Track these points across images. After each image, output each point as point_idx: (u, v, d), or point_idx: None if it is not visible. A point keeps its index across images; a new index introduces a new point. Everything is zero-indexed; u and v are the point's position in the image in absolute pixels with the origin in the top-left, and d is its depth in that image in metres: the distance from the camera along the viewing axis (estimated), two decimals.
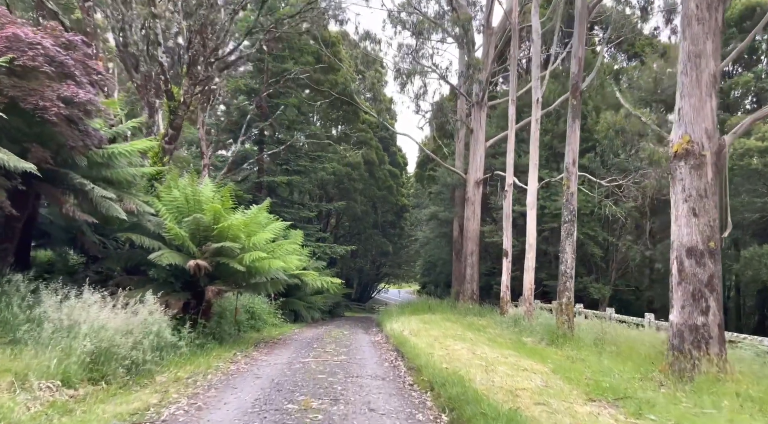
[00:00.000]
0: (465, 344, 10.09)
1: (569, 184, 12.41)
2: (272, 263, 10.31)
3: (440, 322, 16.39)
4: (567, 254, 12.26)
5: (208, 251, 10.12)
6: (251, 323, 13.96)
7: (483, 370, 7.04)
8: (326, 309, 24.66)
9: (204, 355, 8.76)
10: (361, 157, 27.96)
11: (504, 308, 16.90)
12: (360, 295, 46.25)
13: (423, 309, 22.01)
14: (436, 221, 28.52)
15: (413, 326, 13.86)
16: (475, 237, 24.24)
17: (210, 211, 10.19)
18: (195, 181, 10.88)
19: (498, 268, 25.59)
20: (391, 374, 7.85)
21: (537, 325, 13.52)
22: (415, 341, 10.59)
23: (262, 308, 14.98)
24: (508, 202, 17.58)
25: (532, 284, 15.04)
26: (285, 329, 15.30)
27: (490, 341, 11.37)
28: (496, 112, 28.43)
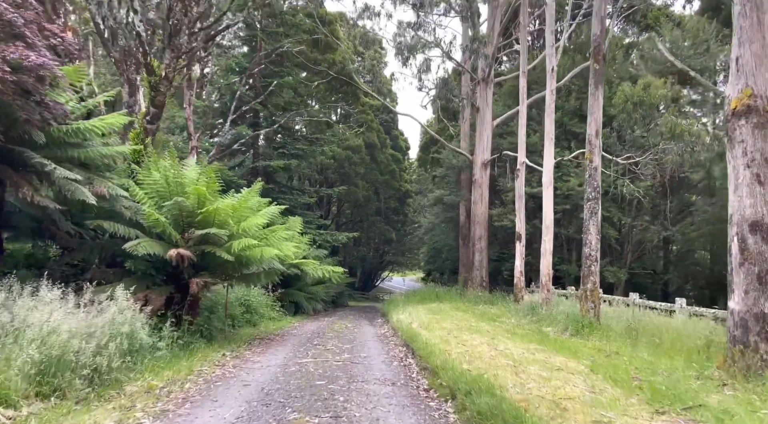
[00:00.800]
0: (483, 337, 8.98)
1: (592, 157, 11.23)
2: (265, 251, 9.18)
3: (450, 312, 15.31)
4: (591, 234, 11.11)
5: (191, 239, 9.00)
6: (246, 317, 12.88)
7: (512, 371, 5.92)
8: (329, 300, 23.63)
9: (187, 357, 7.66)
10: (362, 140, 26.69)
11: (519, 295, 15.80)
12: (363, 284, 45.32)
13: (430, 298, 20.96)
14: (441, 205, 27.33)
15: (422, 318, 12.76)
16: (483, 221, 23.08)
17: (193, 194, 9.05)
18: (177, 162, 9.73)
19: (507, 253, 24.47)
20: (402, 377, 6.75)
21: (558, 313, 12.40)
22: (427, 335, 9.48)
23: (259, 301, 13.90)
24: (520, 182, 16.40)
25: (549, 269, 13.91)
26: (284, 322, 14.23)
27: (509, 334, 10.26)
28: (502, 90, 27.12)
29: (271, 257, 9.31)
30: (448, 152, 26.18)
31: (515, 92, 25.94)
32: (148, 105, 12.01)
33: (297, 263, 16.51)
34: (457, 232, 26.83)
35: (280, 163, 18.44)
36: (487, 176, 23.37)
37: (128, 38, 12.05)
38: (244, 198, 9.72)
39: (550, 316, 12.59)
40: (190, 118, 13.67)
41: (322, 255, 19.82)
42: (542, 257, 14.05)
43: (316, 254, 19.08)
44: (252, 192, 9.93)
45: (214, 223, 9.16)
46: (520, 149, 16.44)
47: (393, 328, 13.69)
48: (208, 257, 9.33)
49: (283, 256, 10.54)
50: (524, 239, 16.30)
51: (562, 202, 21.96)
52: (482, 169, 23.23)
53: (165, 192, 9.37)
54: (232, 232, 9.30)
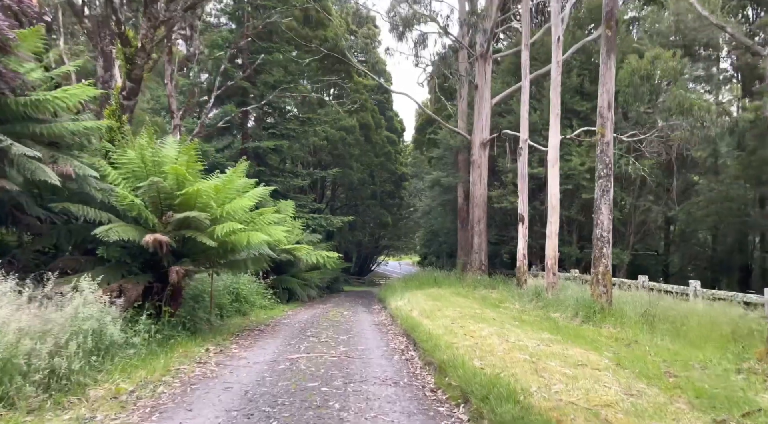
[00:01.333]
0: (491, 326, 8.27)
1: (604, 132, 10.45)
2: (252, 235, 8.38)
3: (451, 297, 14.64)
4: (603, 214, 10.39)
5: (170, 223, 8.19)
6: (236, 306, 12.13)
7: (531, 369, 5.20)
8: (324, 286, 22.91)
9: (166, 353, 6.91)
10: (356, 120, 25.73)
11: (522, 279, 15.11)
12: (359, 269, 44.63)
13: (428, 283, 20.29)
14: (438, 187, 26.55)
15: (423, 305, 12.06)
16: (482, 203, 22.34)
17: (171, 174, 8.22)
18: (155, 139, 8.87)
19: (507, 236, 23.78)
20: (404, 375, 6.02)
21: (565, 298, 11.73)
22: (429, 324, 8.76)
23: (249, 289, 13.13)
24: (523, 161, 15.62)
25: (555, 252, 13.21)
26: (276, 311, 13.49)
27: (517, 321, 9.57)
28: (501, 68, 26.22)
29: (259, 242, 8.51)
30: (445, 132, 25.33)
31: (514, 69, 25.08)
32: (124, 79, 11.11)
33: (289, 248, 15.75)
34: (455, 214, 26.11)
35: (270, 143, 17.55)
36: (486, 157, 22.58)
37: (101, 6, 11.11)
38: (229, 178, 8.89)
39: (557, 301, 11.93)
40: (171, 94, 12.75)
41: (316, 240, 19.05)
42: (547, 239, 13.34)
43: (309, 239, 18.31)
44: (237, 172, 9.09)
45: (195, 206, 8.35)
46: (522, 127, 15.63)
47: (391, 315, 13.00)
48: (189, 243, 8.54)
49: (274, 241, 9.76)
50: (527, 221, 15.57)
51: (564, 182, 21.14)
52: (481, 149, 22.43)
53: (141, 172, 8.53)
54: (216, 215, 8.49)
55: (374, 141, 28.93)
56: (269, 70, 19.34)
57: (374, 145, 29.15)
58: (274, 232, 9.38)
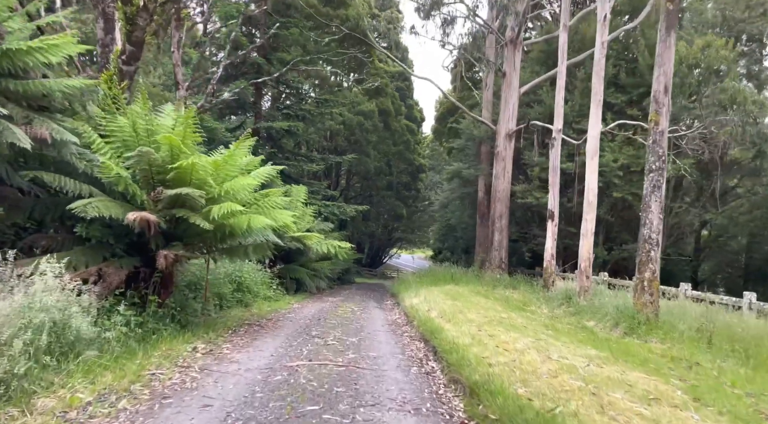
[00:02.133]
0: (524, 336, 7.12)
1: (658, 119, 9.19)
2: (254, 219, 7.30)
3: (470, 297, 13.50)
4: (653, 213, 9.15)
5: (160, 201, 7.13)
6: (237, 296, 11.11)
7: (593, 403, 4.05)
8: (334, 277, 21.89)
9: (145, 351, 5.88)
10: (374, 105, 24.51)
11: (549, 280, 13.92)
12: (371, 260, 43.67)
13: (444, 279, 19.16)
14: (458, 179, 25.31)
15: (441, 305, 10.94)
16: (504, 198, 21.10)
17: (165, 143, 7.16)
18: (149, 105, 7.81)
19: (529, 233, 22.50)
20: (426, 396, 4.90)
21: (601, 305, 10.54)
22: (452, 330, 7.64)
23: (253, 278, 12.11)
24: (555, 153, 14.38)
25: (590, 253, 11.99)
26: (281, 303, 12.45)
27: (550, 330, 8.41)
28: (530, 57, 24.80)
29: (261, 227, 7.43)
30: (468, 122, 24.06)
31: (544, 58, 23.70)
32: (124, 41, 10.08)
33: (299, 236, 14.71)
34: (474, 209, 24.89)
35: (284, 124, 16.47)
36: (511, 149, 21.30)
37: None
38: (231, 154, 7.78)
39: (592, 308, 10.74)
40: (178, 63, 11.70)
41: (328, 229, 17.99)
42: (582, 238, 12.12)
43: (321, 228, 17.26)
44: (240, 146, 7.97)
45: (190, 182, 7.29)
46: (556, 115, 14.37)
47: (406, 314, 11.91)
48: (182, 225, 7.49)
49: (280, 227, 8.69)
50: (557, 218, 14.33)
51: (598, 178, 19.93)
52: (506, 140, 21.15)
53: (132, 142, 7.47)
54: (213, 194, 7.43)
55: (393, 128, 27.70)
56: (286, 48, 18.22)
57: (393, 132, 27.92)
58: (280, 216, 8.30)
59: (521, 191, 20.78)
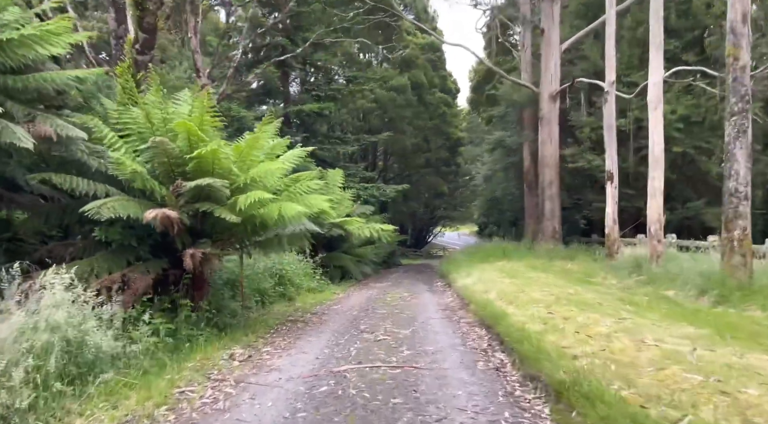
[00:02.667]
0: (603, 316, 6.15)
1: (738, 53, 7.92)
2: (285, 207, 6.56)
3: (527, 273, 12.52)
4: (738, 162, 7.94)
5: (182, 195, 6.48)
6: (279, 290, 10.51)
7: (730, 407, 3.12)
8: (379, 261, 21.23)
9: (178, 362, 5.26)
10: (407, 78, 23.40)
11: (613, 248, 12.75)
12: (415, 241, 42.91)
13: (495, 254, 18.19)
14: (501, 149, 24.04)
15: (498, 284, 10.03)
16: (553, 164, 19.79)
17: (181, 131, 6.48)
18: (163, 93, 7.15)
19: (582, 199, 21.09)
20: (501, 400, 4.06)
21: (680, 271, 9.39)
22: (517, 314, 6.75)
23: (295, 270, 11.49)
24: (609, 108, 13.08)
25: (660, 214, 10.82)
26: (326, 294, 11.80)
27: (628, 305, 7.40)
28: (568, 11, 23.08)
29: (294, 214, 6.66)
30: (507, 87, 22.70)
31: (584, 11, 21.99)
32: (136, 29, 9.48)
33: (339, 222, 14.04)
34: (521, 178, 23.60)
35: (313, 106, 15.71)
36: (557, 111, 19.91)
37: None
38: (255, 137, 7.04)
39: (669, 275, 9.61)
40: (197, 50, 11.06)
41: (369, 212, 17.24)
42: (649, 198, 10.95)
43: (361, 211, 16.53)
44: (264, 128, 7.22)
45: (213, 171, 6.60)
46: (608, 67, 13.03)
47: (459, 296, 11.07)
48: (209, 219, 6.83)
49: (316, 213, 7.96)
50: (617, 179, 13.08)
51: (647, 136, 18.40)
52: (550, 102, 19.77)
53: (148, 133, 6.82)
54: (239, 183, 6.73)
55: (427, 101, 26.50)
56: (309, 27, 17.37)
57: (427, 106, 26.73)
58: (314, 202, 7.53)
59: (571, 155, 19.41)
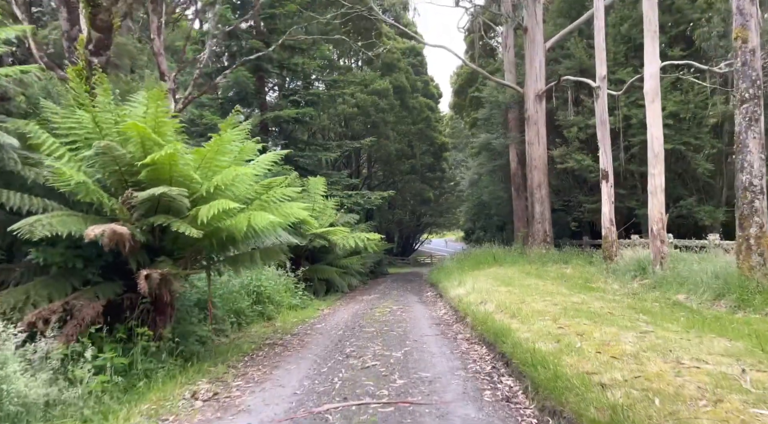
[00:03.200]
0: (620, 329, 5.40)
1: (747, 35, 7.30)
2: (255, 217, 5.73)
3: (523, 279, 11.81)
4: (751, 153, 7.29)
5: (135, 207, 5.62)
6: (258, 309, 9.63)
7: None
8: (366, 271, 20.40)
9: (127, 406, 4.40)
10: (388, 82, 22.67)
11: (610, 250, 12.09)
12: (402, 249, 42.21)
13: (486, 261, 17.51)
14: (487, 152, 23.44)
15: (494, 293, 9.27)
16: (542, 165, 19.22)
17: (133, 134, 5.65)
18: (111, 93, 6.29)
19: (572, 201, 20.50)
20: None
21: (689, 273, 8.72)
22: (523, 330, 5.97)
23: (275, 286, 10.62)
24: (601, 104, 12.48)
25: (662, 213, 10.16)
26: (309, 311, 10.93)
27: (643, 314, 6.68)
28: (551, 10, 22.63)
29: (266, 225, 5.83)
30: (491, 88, 22.13)
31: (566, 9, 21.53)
32: (89, 27, 8.60)
33: (322, 232, 13.23)
34: (508, 181, 23.00)
35: (291, 112, 14.88)
36: (543, 110, 19.36)
37: None
38: (219, 139, 6.21)
39: (677, 278, 8.94)
40: (160, 52, 10.18)
41: (353, 221, 16.44)
42: (650, 196, 10.28)
43: (345, 220, 15.72)
44: (228, 127, 6.37)
45: (171, 179, 5.77)
46: (598, 60, 12.44)
47: (453, 308, 10.30)
48: (169, 235, 5.98)
49: (292, 222, 7.12)
50: (612, 178, 12.44)
51: (639, 132, 17.90)
52: (536, 102, 19.22)
53: (96, 138, 5.98)
54: (201, 192, 5.89)
55: (411, 106, 25.81)
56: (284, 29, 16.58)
57: (411, 110, 26.04)
58: (291, 210, 6.71)
59: (560, 156, 18.81)
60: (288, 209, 6.71)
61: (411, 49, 29.83)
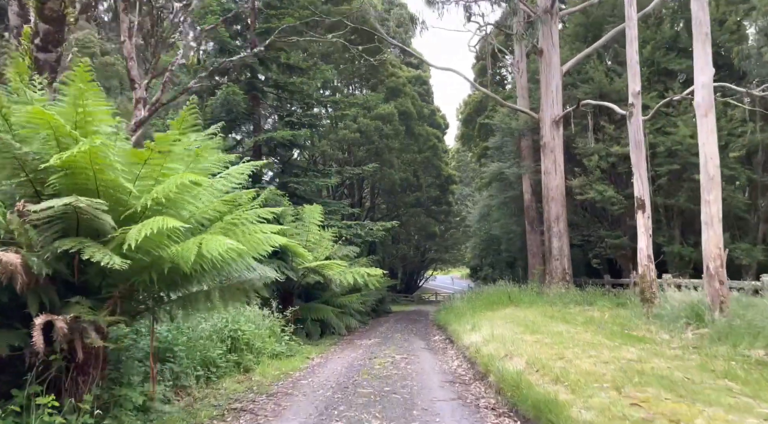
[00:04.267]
0: (731, 414, 3.72)
1: None
2: (208, 242, 4.13)
3: (547, 323, 10.13)
4: None
5: (41, 227, 4.05)
6: (233, 359, 7.91)
7: None
8: (367, 310, 18.65)
9: None
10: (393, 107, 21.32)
11: (649, 292, 10.36)
12: (406, 285, 40.34)
13: (500, 300, 15.79)
14: (498, 183, 21.91)
15: (520, 344, 7.56)
16: (559, 196, 17.65)
17: (40, 123, 4.14)
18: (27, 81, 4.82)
19: (593, 236, 18.82)
20: None
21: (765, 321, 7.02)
22: (576, 405, 4.27)
23: (256, 330, 8.91)
24: (635, 124, 10.96)
25: (720, 248, 8.46)
26: (295, 361, 9.13)
27: (727, 378, 4.98)
28: (566, 33, 21.49)
29: (222, 253, 4.22)
30: (503, 115, 20.79)
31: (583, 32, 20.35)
32: (36, 17, 7.26)
33: (316, 266, 11.61)
34: (521, 214, 21.40)
35: (286, 133, 13.42)
36: (560, 137, 17.93)
37: None
38: (165, 138, 4.66)
39: (749, 327, 7.22)
40: (131, 56, 8.79)
41: (353, 254, 14.79)
42: (704, 228, 8.63)
43: (344, 253, 14.08)
44: (181, 123, 4.84)
45: (97, 191, 4.22)
46: (631, 75, 10.98)
47: (467, 358, 8.59)
48: (94, 266, 4.37)
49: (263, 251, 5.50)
50: (649, 208, 10.83)
51: (666, 162, 16.42)
52: (552, 128, 17.82)
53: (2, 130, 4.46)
54: (136, 207, 4.32)
55: (417, 133, 24.37)
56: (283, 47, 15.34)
57: (417, 138, 24.60)
58: (261, 236, 5.10)
59: (579, 186, 17.27)
60: (259, 235, 5.10)
61: (417, 78, 28.76)
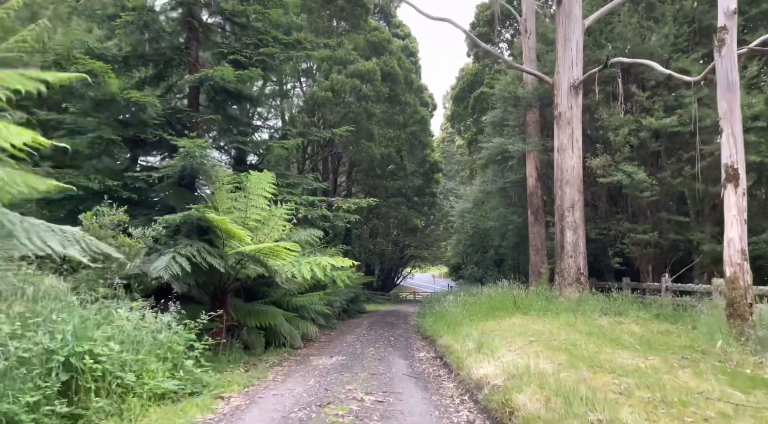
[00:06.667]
0: None
1: None
2: None
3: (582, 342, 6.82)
4: None
5: None
6: (62, 410, 4.26)
7: None
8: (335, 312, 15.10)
9: None
10: (375, 63, 17.55)
11: (742, 303, 7.00)
12: (383, 283, 37.15)
13: (503, 306, 12.48)
14: (496, 166, 18.50)
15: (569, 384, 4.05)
16: (576, 179, 14.32)
17: None
18: None
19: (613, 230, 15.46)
20: None
21: None
22: None
23: (126, 354, 5.22)
24: (729, 57, 7.57)
25: None
26: (192, 406, 5.43)
27: None
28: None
29: None
30: (505, 83, 17.34)
31: None
32: None
33: (253, 251, 8.00)
34: (524, 203, 18.05)
35: (228, 72, 9.66)
36: (579, 107, 14.58)
37: None
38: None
39: None
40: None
41: (315, 240, 11.14)
42: None
43: (301, 237, 10.43)
44: None
45: None
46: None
47: (485, 408, 5.10)
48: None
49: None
50: (743, 180, 7.45)
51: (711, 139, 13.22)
52: (570, 95, 14.45)
53: None
54: None
55: (403, 102, 20.59)
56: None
57: (403, 107, 20.81)
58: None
59: (601, 167, 13.92)
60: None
61: (404, 48, 25.22)
